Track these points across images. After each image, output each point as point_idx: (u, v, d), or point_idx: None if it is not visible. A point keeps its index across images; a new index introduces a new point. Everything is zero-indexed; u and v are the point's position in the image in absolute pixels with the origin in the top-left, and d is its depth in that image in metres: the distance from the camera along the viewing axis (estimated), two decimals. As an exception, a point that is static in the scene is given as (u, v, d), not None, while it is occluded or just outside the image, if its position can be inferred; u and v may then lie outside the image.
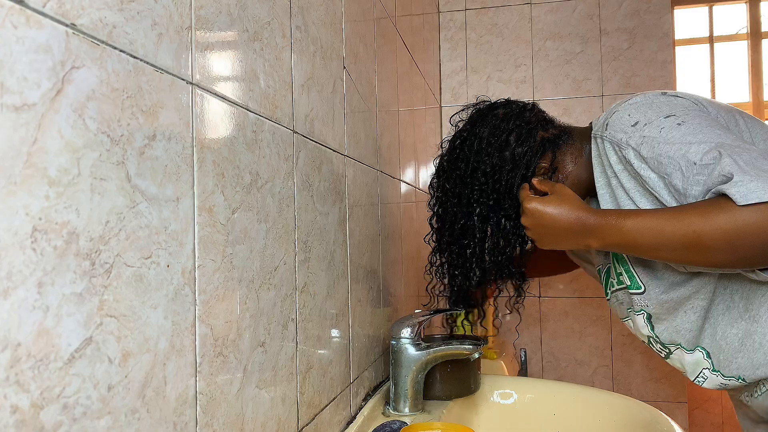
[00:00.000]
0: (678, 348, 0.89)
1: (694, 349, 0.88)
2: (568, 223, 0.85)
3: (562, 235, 0.87)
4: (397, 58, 1.30)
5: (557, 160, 0.95)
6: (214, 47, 0.52)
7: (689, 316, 0.86)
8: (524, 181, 0.94)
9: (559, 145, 0.96)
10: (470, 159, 0.97)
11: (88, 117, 0.36)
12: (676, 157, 0.75)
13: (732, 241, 0.69)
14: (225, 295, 0.53)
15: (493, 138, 0.96)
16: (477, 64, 1.97)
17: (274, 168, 0.64)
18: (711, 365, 0.86)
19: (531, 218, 0.89)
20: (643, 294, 0.88)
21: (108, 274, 0.38)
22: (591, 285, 1.90)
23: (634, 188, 0.82)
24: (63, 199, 0.34)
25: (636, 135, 0.80)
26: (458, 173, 0.98)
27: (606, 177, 0.86)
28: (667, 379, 1.85)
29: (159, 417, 0.43)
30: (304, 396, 0.70)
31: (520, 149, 0.94)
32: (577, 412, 1.01)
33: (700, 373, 0.88)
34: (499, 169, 0.94)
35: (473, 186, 0.96)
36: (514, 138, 0.95)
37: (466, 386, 1.02)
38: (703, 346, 0.87)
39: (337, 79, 0.87)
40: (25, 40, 0.32)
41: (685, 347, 0.88)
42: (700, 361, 0.87)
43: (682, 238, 0.73)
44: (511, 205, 0.95)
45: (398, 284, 1.25)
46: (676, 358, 0.91)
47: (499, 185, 0.95)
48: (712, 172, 0.71)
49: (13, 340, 0.31)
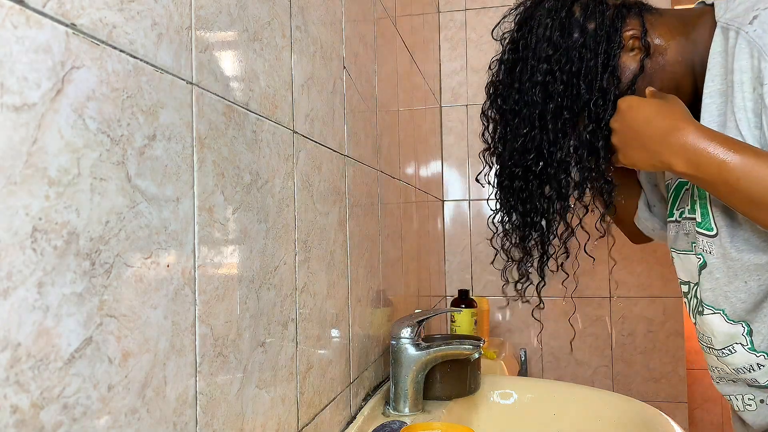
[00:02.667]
0: (717, 314, 0.76)
1: (737, 322, 0.75)
2: (662, 129, 0.68)
3: (649, 143, 0.70)
4: (397, 58, 1.30)
5: (651, 26, 0.76)
6: (214, 47, 0.52)
7: (750, 287, 0.72)
8: (610, 59, 0.75)
9: (649, 10, 0.78)
10: (530, 60, 0.79)
11: (88, 117, 0.36)
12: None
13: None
14: (225, 295, 0.53)
15: (552, 23, 0.77)
16: (477, 64, 1.97)
17: (274, 168, 0.64)
18: (749, 343, 0.75)
19: (622, 118, 0.73)
20: (714, 238, 0.73)
21: (108, 274, 0.38)
22: (591, 285, 1.90)
23: (751, 115, 0.65)
24: (63, 199, 0.34)
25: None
26: (518, 86, 0.80)
27: (725, 83, 0.67)
28: (667, 379, 1.85)
29: (159, 417, 0.43)
30: (304, 396, 0.70)
31: (592, 24, 0.76)
32: (577, 412, 1.01)
33: (730, 346, 0.77)
34: (574, 58, 0.76)
35: (545, 90, 0.78)
36: (580, 12, 0.77)
37: (466, 386, 1.02)
38: (749, 322, 0.74)
39: (337, 79, 0.87)
40: (25, 40, 0.32)
41: (729, 316, 0.75)
42: (736, 336, 0.76)
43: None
44: (601, 104, 0.76)
45: (398, 284, 1.25)
46: (708, 322, 0.78)
47: (579, 79, 0.76)
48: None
49: (13, 340, 0.31)
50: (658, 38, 0.78)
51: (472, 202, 1.98)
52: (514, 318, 1.95)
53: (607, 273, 1.89)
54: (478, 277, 1.95)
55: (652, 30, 0.78)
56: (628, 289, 1.88)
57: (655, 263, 1.85)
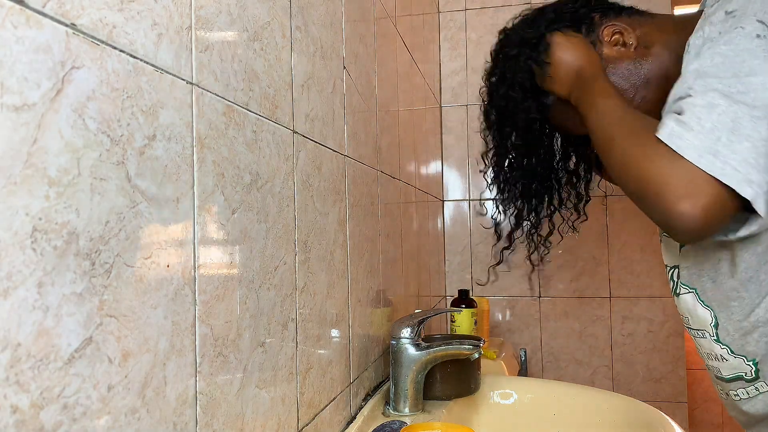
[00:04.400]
0: (691, 293, 0.81)
1: (707, 306, 0.79)
2: (581, 61, 0.83)
3: (573, 71, 0.84)
4: (397, 58, 1.30)
5: (638, 24, 0.85)
6: (214, 47, 0.52)
7: (716, 274, 0.77)
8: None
9: (639, 12, 0.87)
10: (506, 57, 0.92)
11: (88, 117, 0.36)
12: (712, 66, 0.65)
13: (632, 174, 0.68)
14: (225, 295, 0.53)
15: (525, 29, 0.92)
16: (477, 64, 1.97)
17: (274, 168, 0.64)
18: (714, 335, 0.79)
19: (554, 49, 0.86)
20: None
21: (108, 274, 0.38)
22: (591, 285, 1.90)
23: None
24: (63, 199, 0.34)
25: (717, 23, 0.69)
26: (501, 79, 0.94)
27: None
28: (667, 379, 1.86)
29: (159, 417, 0.43)
30: (304, 396, 0.70)
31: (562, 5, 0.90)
32: (577, 412, 1.01)
33: (702, 330, 0.80)
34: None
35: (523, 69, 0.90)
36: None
37: (466, 386, 1.02)
38: (716, 313, 0.78)
39: (337, 79, 0.87)
40: (25, 40, 0.32)
41: (700, 297, 0.80)
42: (705, 323, 0.80)
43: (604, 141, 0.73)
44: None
45: (398, 284, 1.25)
46: (683, 302, 0.83)
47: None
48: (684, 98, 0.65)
49: (13, 340, 0.31)
50: (644, 34, 0.85)
51: (472, 202, 1.98)
52: (514, 318, 1.95)
53: (607, 273, 1.89)
54: (478, 277, 1.95)
55: (639, 26, 0.85)
56: (628, 289, 1.88)
57: (655, 263, 1.85)
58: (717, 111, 0.62)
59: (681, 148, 0.63)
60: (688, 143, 0.63)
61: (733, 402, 0.81)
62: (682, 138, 0.63)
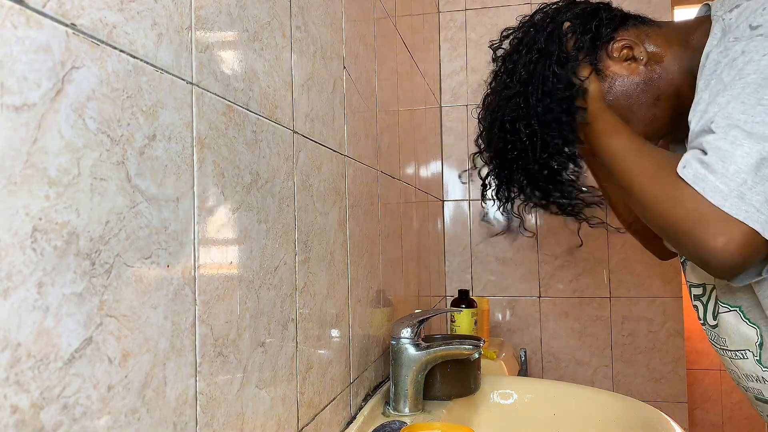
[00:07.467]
0: (733, 311, 0.78)
1: (753, 324, 0.76)
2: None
3: None
4: (397, 58, 1.30)
5: (647, 36, 0.81)
6: (214, 47, 0.52)
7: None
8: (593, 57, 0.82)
9: (645, 22, 0.83)
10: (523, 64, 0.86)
11: (88, 117, 0.36)
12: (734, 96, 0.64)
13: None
14: (225, 295, 0.53)
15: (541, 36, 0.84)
16: (477, 64, 1.97)
17: (274, 168, 0.64)
18: (758, 355, 0.76)
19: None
20: None
21: (108, 274, 0.38)
22: (591, 285, 1.90)
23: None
24: (63, 199, 0.34)
25: (743, 40, 0.66)
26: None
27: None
28: (667, 379, 1.85)
29: (159, 417, 0.43)
30: (304, 396, 0.70)
31: (577, 20, 0.83)
32: (577, 412, 1.01)
33: (744, 351, 0.78)
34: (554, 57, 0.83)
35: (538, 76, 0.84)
36: (570, 15, 0.84)
37: (466, 386, 1.02)
38: (761, 330, 0.76)
39: (337, 79, 0.87)
40: (25, 40, 0.32)
41: (745, 314, 0.77)
42: (749, 342, 0.77)
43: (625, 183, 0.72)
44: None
45: (398, 284, 1.25)
46: (725, 321, 0.79)
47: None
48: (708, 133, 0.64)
49: (13, 340, 0.31)
50: (654, 47, 0.82)
51: (472, 202, 1.98)
52: (514, 318, 1.95)
53: (607, 273, 1.89)
54: (478, 277, 1.95)
55: (648, 40, 0.82)
56: (628, 289, 1.88)
57: (655, 263, 1.85)
58: (740, 152, 0.62)
59: (706, 191, 0.63)
60: (712, 186, 0.63)
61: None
62: (706, 181, 0.63)
